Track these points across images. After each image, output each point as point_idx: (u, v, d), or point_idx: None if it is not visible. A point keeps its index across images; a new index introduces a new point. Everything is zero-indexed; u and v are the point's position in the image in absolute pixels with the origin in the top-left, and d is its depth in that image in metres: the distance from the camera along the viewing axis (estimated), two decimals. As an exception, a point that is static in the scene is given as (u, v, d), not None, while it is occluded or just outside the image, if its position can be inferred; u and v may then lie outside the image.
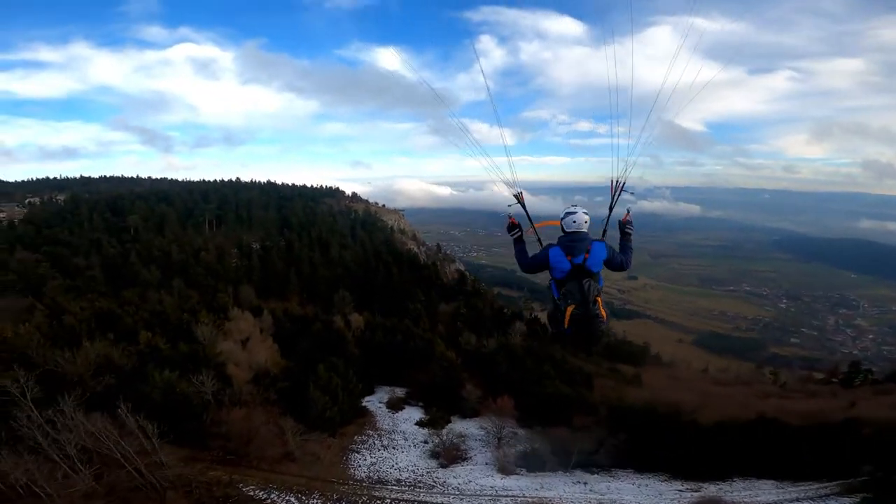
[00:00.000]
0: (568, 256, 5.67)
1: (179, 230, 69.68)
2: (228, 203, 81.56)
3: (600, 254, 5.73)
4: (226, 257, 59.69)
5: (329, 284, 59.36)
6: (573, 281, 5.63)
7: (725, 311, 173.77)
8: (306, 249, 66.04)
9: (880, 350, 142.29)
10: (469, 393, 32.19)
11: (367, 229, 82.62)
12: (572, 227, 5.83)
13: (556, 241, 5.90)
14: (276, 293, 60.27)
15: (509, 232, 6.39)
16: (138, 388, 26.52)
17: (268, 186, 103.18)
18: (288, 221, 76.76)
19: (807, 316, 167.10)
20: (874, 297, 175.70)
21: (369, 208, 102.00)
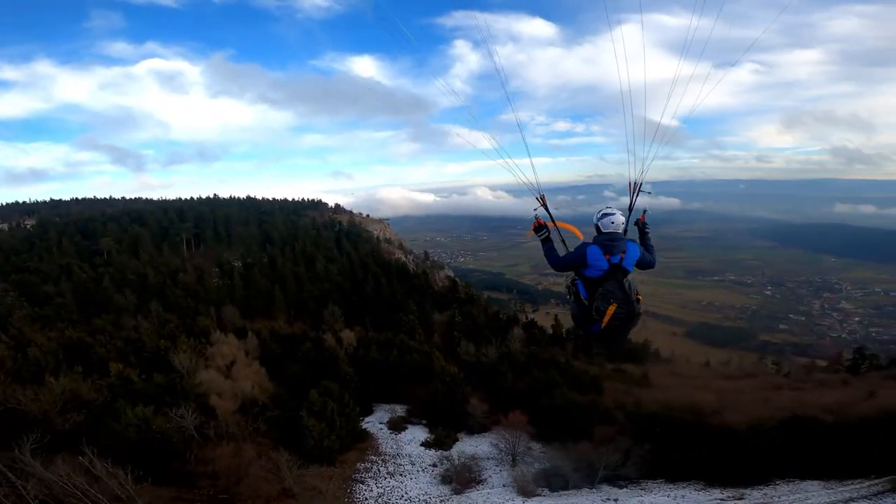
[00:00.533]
0: (606, 255, 5.72)
1: (155, 251, 66.23)
2: (206, 221, 78.20)
3: (634, 254, 5.92)
4: (205, 277, 56.54)
5: (317, 300, 56.63)
6: (612, 280, 5.71)
7: (713, 301, 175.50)
8: (290, 264, 63.13)
9: (868, 332, 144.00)
10: (475, 408, 29.94)
11: (353, 241, 79.98)
12: (609, 228, 5.91)
13: (593, 240, 5.93)
14: (261, 312, 57.32)
15: (537, 233, 6.48)
16: (110, 426, 23.82)
17: (247, 202, 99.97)
18: (269, 237, 73.70)
19: (792, 302, 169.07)
20: (855, 279, 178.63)
21: (353, 219, 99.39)
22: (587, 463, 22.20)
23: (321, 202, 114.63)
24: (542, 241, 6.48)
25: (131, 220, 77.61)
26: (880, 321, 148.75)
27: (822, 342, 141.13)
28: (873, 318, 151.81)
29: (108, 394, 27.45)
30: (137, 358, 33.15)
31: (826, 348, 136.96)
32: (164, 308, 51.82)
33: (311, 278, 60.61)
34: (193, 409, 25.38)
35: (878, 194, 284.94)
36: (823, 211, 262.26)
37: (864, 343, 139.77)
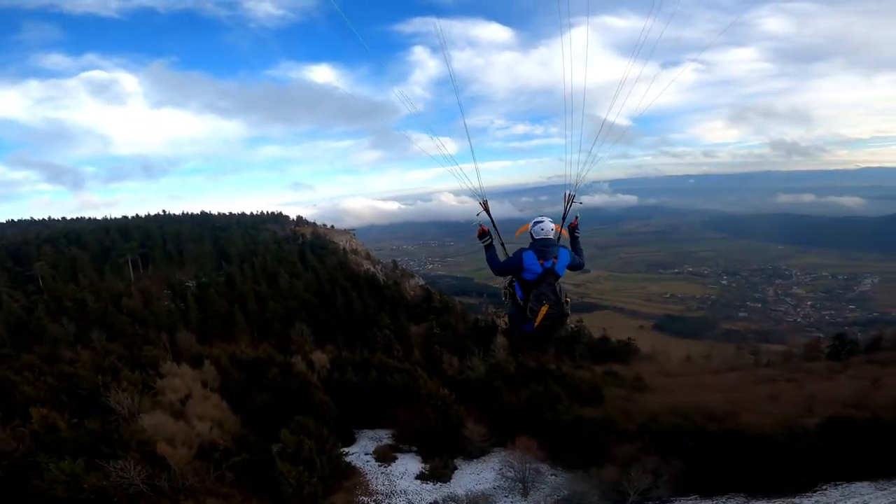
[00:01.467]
0: (540, 260, 6.04)
1: (95, 275, 59.32)
2: (154, 239, 71.35)
3: (565, 259, 6.24)
4: (154, 301, 50.58)
5: (282, 319, 51.70)
6: (544, 283, 6.05)
7: (675, 293, 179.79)
8: (250, 282, 57.75)
9: (822, 315, 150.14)
10: (472, 432, 26.51)
11: (318, 254, 74.88)
12: (541, 235, 6.22)
13: (529, 246, 6.28)
14: (220, 336, 51.83)
15: (480, 239, 6.71)
16: (33, 483, 19.29)
17: (200, 217, 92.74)
18: (226, 254, 67.70)
19: (748, 290, 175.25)
20: (803, 265, 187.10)
21: (317, 231, 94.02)
22: (615, 488, 19.22)
23: (282, 215, 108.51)
24: (485, 247, 6.69)
25: (69, 241, 69.79)
26: (832, 304, 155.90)
27: (780, 328, 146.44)
28: (824, 301, 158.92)
29: (31, 443, 22.64)
30: (71, 397, 28.06)
31: (785, 333, 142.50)
32: (107, 337, 45.85)
33: (274, 296, 55.52)
34: (137, 459, 20.89)
35: (816, 184, 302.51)
36: (767, 201, 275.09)
37: (820, 326, 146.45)
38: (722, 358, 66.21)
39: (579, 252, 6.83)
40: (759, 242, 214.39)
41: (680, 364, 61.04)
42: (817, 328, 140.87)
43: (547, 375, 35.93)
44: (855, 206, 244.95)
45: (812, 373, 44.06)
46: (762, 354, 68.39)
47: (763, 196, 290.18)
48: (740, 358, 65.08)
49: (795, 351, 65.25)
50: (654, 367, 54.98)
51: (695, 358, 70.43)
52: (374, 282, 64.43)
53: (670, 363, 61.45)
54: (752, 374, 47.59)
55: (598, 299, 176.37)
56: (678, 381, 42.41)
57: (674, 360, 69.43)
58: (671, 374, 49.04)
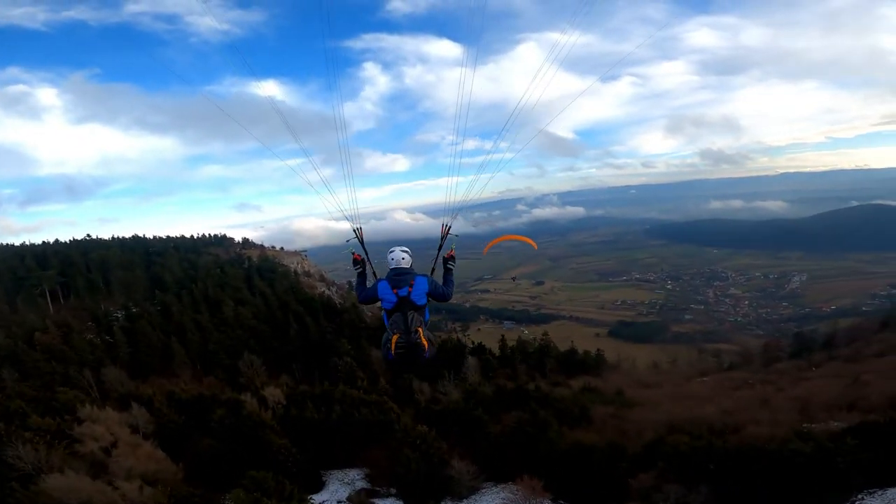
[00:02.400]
0: (394, 290, 6.11)
1: (6, 308, 50.96)
2: (76, 267, 63.00)
3: (422, 287, 6.20)
4: (74, 335, 43.48)
5: (228, 350, 46.01)
6: (398, 312, 6.08)
7: (625, 299, 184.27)
8: (190, 311, 51.43)
9: (759, 314, 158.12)
10: (458, 470, 23.01)
11: (267, 278, 68.84)
12: (392, 264, 6.36)
13: (386, 276, 6.37)
14: (156, 371, 45.45)
15: (353, 267, 6.89)
16: None
17: (132, 242, 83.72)
18: (161, 281, 60.63)
19: (690, 293, 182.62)
20: (737, 266, 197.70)
21: (265, 253, 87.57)
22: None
23: (226, 238, 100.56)
24: (357, 274, 6.90)
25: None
26: (766, 303, 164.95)
27: (723, 327, 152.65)
28: (760, 300, 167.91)
29: None
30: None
31: (728, 332, 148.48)
32: (19, 377, 38.71)
33: (218, 326, 49.54)
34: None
35: (742, 190, 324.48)
36: (701, 208, 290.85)
37: (758, 324, 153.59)
38: (688, 363, 66.27)
39: (448, 283, 6.71)
40: (697, 247, 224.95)
41: (650, 372, 60.23)
42: (756, 326, 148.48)
43: (528, 398, 33.16)
44: (779, 210, 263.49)
45: (783, 374, 43.85)
46: (723, 356, 69.38)
47: (697, 203, 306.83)
48: (704, 362, 65.40)
49: (753, 351, 66.52)
50: (627, 377, 53.63)
51: (661, 364, 70.31)
52: (329, 305, 59.52)
53: (640, 372, 60.55)
54: (726, 379, 47.05)
55: (554, 310, 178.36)
56: (658, 392, 40.87)
57: (640, 367, 68.92)
58: (648, 384, 47.67)
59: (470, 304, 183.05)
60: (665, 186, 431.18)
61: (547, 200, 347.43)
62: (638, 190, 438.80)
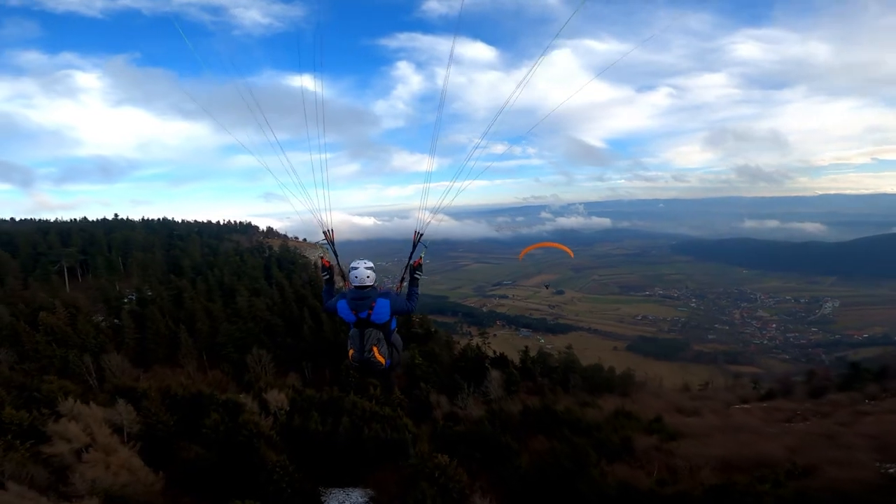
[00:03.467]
0: (353, 311, 5.93)
1: (19, 284, 49.08)
2: (97, 245, 61.22)
3: (384, 309, 5.97)
4: (81, 317, 41.00)
5: (238, 343, 42.94)
6: (356, 329, 6.02)
7: (647, 314, 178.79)
8: (203, 299, 48.62)
9: (787, 338, 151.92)
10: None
11: (286, 268, 66.01)
12: (356, 282, 5.98)
13: (347, 293, 6.09)
14: (162, 360, 42.70)
15: (322, 272, 6.74)
16: None
17: (157, 224, 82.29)
18: (178, 265, 58.26)
19: (715, 312, 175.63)
20: (767, 288, 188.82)
21: (287, 243, 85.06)
22: None
23: (251, 225, 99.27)
24: (325, 280, 6.68)
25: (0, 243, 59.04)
26: (795, 327, 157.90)
27: (748, 349, 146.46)
28: (788, 324, 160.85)
29: None
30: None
31: (753, 354, 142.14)
32: (18, 359, 36.31)
33: (230, 316, 46.58)
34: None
35: (779, 209, 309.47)
36: (733, 226, 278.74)
37: (784, 348, 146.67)
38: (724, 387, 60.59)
39: (413, 295, 6.44)
40: (725, 266, 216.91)
41: (682, 395, 54.94)
42: (783, 350, 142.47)
43: (559, 421, 28.88)
44: (816, 232, 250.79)
45: (838, 406, 38.55)
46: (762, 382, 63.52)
47: (729, 221, 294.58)
48: (741, 387, 59.65)
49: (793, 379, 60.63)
50: (658, 399, 48.64)
51: (692, 386, 64.78)
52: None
53: (671, 394, 55.29)
54: (771, 408, 41.83)
55: (573, 321, 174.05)
56: (700, 421, 35.95)
57: (668, 388, 63.64)
58: (684, 409, 42.69)
59: (487, 308, 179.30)
60: (697, 202, 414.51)
61: (573, 209, 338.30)
62: (667, 204, 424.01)
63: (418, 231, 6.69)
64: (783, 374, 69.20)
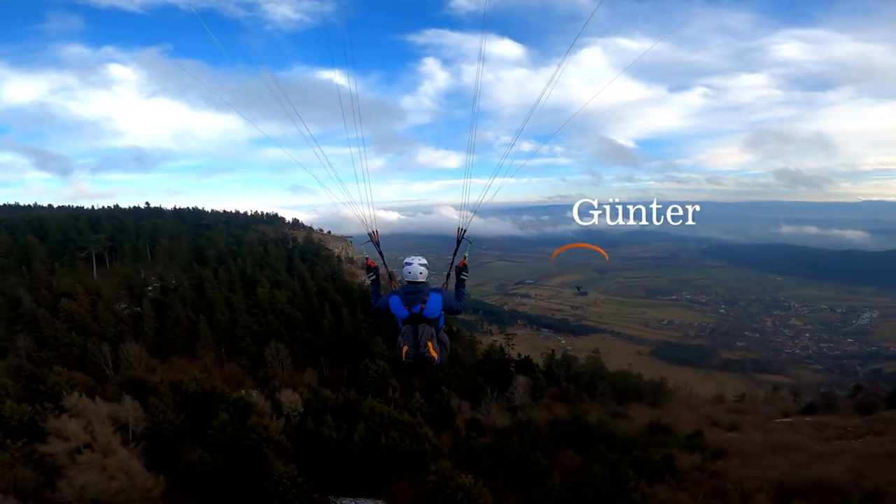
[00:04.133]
0: (406, 306, 5.88)
1: (44, 270, 48.99)
2: (126, 233, 61.19)
3: (436, 304, 5.95)
4: (101, 304, 40.32)
5: (256, 336, 41.61)
6: (409, 325, 5.93)
7: (672, 319, 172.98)
8: (224, 289, 47.58)
9: (820, 348, 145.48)
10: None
11: (309, 260, 64.77)
12: (409, 278, 6.01)
13: (399, 289, 6.07)
14: (180, 350, 41.72)
15: (367, 273, 6.65)
16: None
17: (186, 213, 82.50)
18: (203, 254, 57.59)
19: (746, 319, 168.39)
20: (802, 297, 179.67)
21: (311, 235, 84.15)
22: None
23: (277, 216, 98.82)
24: (371, 282, 6.66)
25: (31, 229, 59.56)
26: (829, 337, 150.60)
27: (779, 358, 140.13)
28: (822, 333, 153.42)
29: None
30: None
31: (783, 364, 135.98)
32: (37, 346, 35.75)
33: (250, 307, 45.37)
34: None
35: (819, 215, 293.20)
36: (770, 231, 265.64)
37: (818, 358, 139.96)
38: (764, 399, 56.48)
39: (461, 295, 6.50)
40: (758, 272, 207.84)
41: (717, 406, 51.21)
42: (815, 360, 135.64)
43: (591, 435, 26.22)
44: (858, 240, 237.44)
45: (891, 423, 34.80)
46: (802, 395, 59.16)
47: (765, 226, 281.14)
48: (781, 400, 55.48)
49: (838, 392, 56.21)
50: (692, 410, 45.28)
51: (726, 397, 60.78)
52: (368, 298, 54.16)
53: (705, 405, 51.60)
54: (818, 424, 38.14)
55: (596, 322, 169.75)
56: (745, 437, 32.65)
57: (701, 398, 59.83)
58: (722, 423, 39.35)
59: (509, 307, 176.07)
60: (731, 205, 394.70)
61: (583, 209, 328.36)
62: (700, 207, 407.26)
63: (461, 228, 6.51)
64: (822, 385, 64.59)
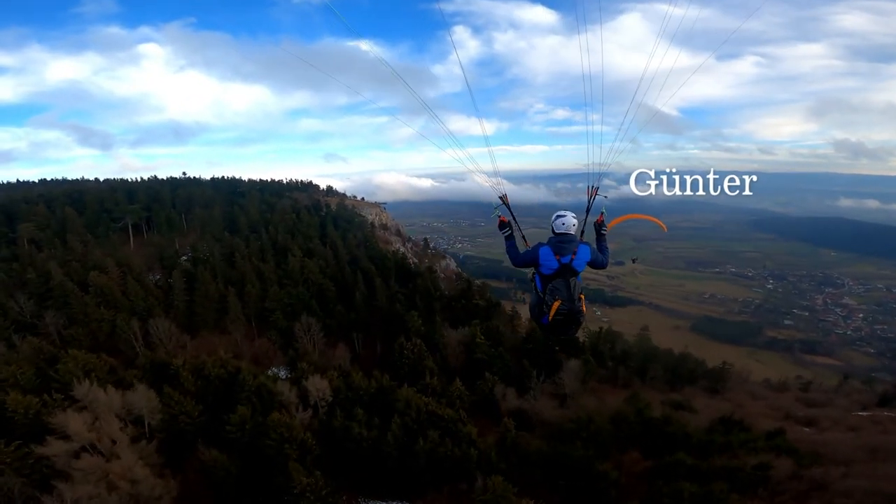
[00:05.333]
0: (557, 256, 5.76)
1: (79, 241, 47.82)
2: (161, 202, 59.71)
3: (585, 255, 5.84)
4: (132, 277, 38.51)
5: (286, 309, 39.07)
6: (560, 279, 5.73)
7: (715, 293, 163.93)
8: (255, 259, 45.13)
9: (874, 329, 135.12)
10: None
11: (341, 228, 61.68)
12: (561, 230, 5.92)
13: (547, 240, 5.96)
14: (210, 324, 39.78)
15: (500, 230, 6.53)
16: None
17: (221, 182, 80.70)
18: (235, 222, 55.35)
19: (795, 296, 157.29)
20: (858, 274, 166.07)
21: (345, 202, 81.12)
22: None
23: (312, 184, 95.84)
24: (505, 238, 6.53)
25: (70, 201, 58.91)
26: (884, 318, 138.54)
27: (828, 339, 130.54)
28: (877, 314, 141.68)
29: None
30: None
31: (833, 345, 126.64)
32: (67, 322, 34.38)
33: (282, 278, 42.82)
34: None
35: (881, 189, 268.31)
36: (827, 204, 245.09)
37: (869, 340, 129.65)
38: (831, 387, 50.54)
39: (604, 250, 6.45)
40: (811, 246, 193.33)
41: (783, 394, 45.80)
42: (868, 343, 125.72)
43: (663, 435, 22.09)
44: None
45: None
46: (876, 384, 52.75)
47: (823, 198, 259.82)
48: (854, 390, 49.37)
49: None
50: (760, 401, 40.28)
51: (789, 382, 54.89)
52: (403, 266, 50.71)
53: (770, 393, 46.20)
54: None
55: (633, 294, 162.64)
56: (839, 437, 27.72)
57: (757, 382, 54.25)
58: (795, 416, 34.38)
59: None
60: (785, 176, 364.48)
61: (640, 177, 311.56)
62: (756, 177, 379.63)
63: (593, 186, 6.56)
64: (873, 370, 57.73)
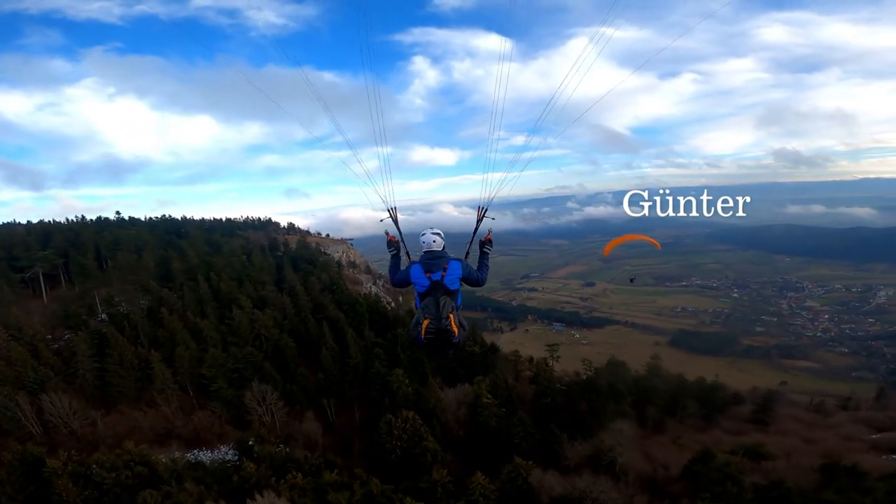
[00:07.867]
0: (426, 273, 5.70)
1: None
2: (81, 248, 48.90)
3: (456, 271, 5.79)
4: (15, 343, 28.25)
5: (232, 375, 29.75)
6: (430, 296, 5.68)
7: (685, 306, 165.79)
8: (191, 312, 35.39)
9: (842, 329, 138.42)
10: None
11: (303, 269, 52.20)
12: (425, 247, 5.88)
13: (419, 259, 5.89)
14: (132, 396, 29.76)
15: (388, 248, 6.40)
16: None
17: (160, 223, 69.65)
18: (169, 268, 45.03)
19: (760, 303, 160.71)
20: (814, 277, 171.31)
21: (307, 240, 71.87)
22: None
23: (270, 221, 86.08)
24: (391, 256, 6.38)
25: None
26: (849, 318, 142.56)
27: (801, 342, 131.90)
28: (842, 314, 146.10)
29: None
30: None
31: (807, 348, 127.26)
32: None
33: (226, 335, 33.40)
34: None
35: (822, 194, 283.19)
36: (775, 212, 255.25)
37: (841, 340, 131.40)
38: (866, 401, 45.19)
39: (483, 268, 6.31)
40: (766, 254, 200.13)
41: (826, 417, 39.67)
42: (839, 342, 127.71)
43: None
44: (866, 217, 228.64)
45: None
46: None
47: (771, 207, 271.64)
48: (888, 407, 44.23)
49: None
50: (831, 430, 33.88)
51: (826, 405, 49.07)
52: (378, 311, 41.62)
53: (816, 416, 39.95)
54: None
55: (608, 314, 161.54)
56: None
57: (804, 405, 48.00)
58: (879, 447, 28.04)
59: (517, 302, 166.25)
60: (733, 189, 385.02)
61: (600, 199, 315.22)
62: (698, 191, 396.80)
63: (482, 207, 6.44)
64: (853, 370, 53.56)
